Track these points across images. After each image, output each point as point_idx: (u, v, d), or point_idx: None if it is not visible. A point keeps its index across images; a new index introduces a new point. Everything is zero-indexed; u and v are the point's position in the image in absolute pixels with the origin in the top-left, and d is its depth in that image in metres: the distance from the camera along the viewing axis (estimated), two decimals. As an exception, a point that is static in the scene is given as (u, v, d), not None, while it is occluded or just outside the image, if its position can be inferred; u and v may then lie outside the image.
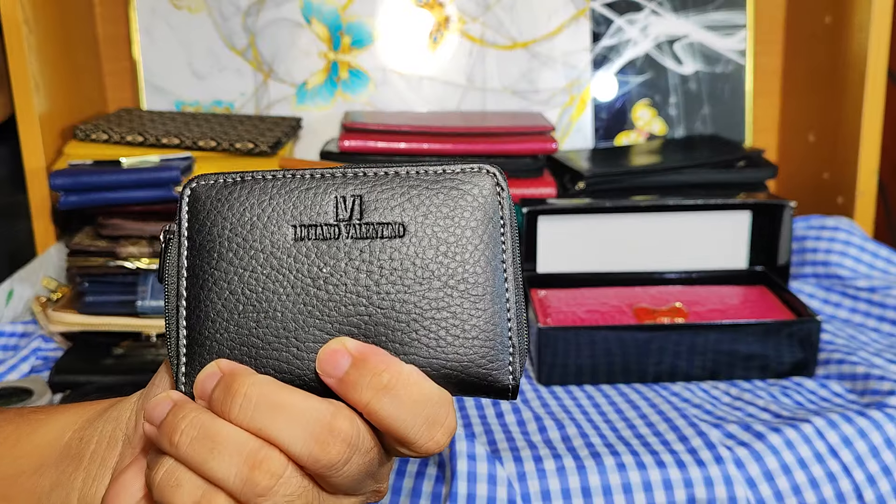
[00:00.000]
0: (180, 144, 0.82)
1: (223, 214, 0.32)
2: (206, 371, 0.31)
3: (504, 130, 0.85)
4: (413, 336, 0.31)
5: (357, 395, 0.30)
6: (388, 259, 0.31)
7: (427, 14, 1.00)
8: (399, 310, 0.31)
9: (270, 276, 0.31)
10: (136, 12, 0.98)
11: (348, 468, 0.30)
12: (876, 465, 0.57)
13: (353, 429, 0.30)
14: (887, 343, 0.74)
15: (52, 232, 0.84)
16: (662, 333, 0.68)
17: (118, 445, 0.35)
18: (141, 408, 0.35)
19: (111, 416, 0.36)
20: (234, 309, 0.32)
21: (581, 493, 0.54)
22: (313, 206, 0.32)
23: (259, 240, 0.32)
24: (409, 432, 0.30)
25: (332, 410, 0.30)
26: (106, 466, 0.35)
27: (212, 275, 0.32)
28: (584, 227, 0.82)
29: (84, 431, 0.36)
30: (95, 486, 0.35)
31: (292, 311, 0.31)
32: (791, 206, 0.79)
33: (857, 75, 0.90)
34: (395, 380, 0.30)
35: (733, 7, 1.02)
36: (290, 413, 0.29)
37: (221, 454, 0.29)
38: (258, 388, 0.30)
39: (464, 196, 0.32)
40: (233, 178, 0.32)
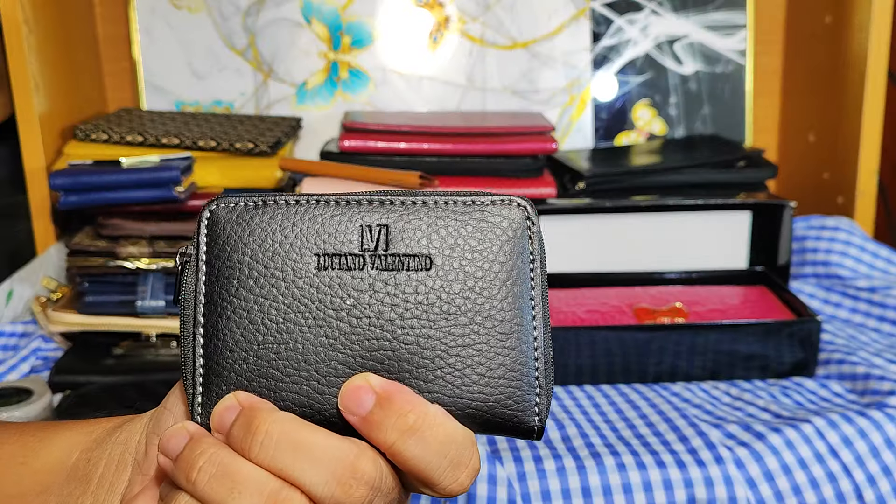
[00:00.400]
0: (180, 144, 0.82)
1: (244, 240, 0.31)
2: (224, 403, 0.30)
3: (504, 130, 0.85)
4: (438, 373, 0.30)
5: (382, 435, 0.29)
6: (414, 292, 0.30)
7: (427, 14, 1.00)
8: (424, 345, 0.30)
9: (292, 306, 0.30)
10: (136, 12, 0.98)
11: None
12: (876, 465, 0.57)
13: (377, 471, 0.29)
14: (887, 343, 0.74)
15: (52, 232, 0.84)
16: (662, 333, 0.68)
17: (127, 470, 0.34)
18: (151, 431, 0.34)
19: (120, 439, 0.35)
20: (253, 339, 0.31)
21: (581, 494, 0.54)
22: (338, 234, 0.30)
23: (281, 268, 0.30)
24: (433, 474, 0.29)
25: (355, 451, 0.29)
26: (114, 492, 0.34)
27: (231, 303, 0.31)
28: (584, 227, 0.82)
29: (92, 452, 0.35)
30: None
31: (314, 343, 0.30)
32: (791, 206, 0.79)
33: (857, 75, 0.90)
34: (422, 421, 0.29)
35: (733, 7, 1.02)
36: (313, 453, 0.29)
37: (241, 494, 0.28)
38: (280, 426, 0.29)
39: (493, 229, 0.31)
40: (254, 201, 0.31)
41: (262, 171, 0.82)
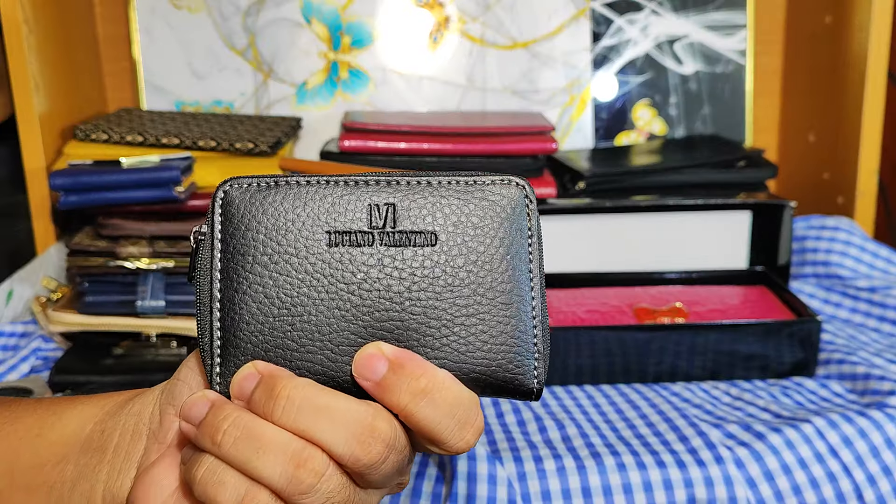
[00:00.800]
0: (180, 144, 0.82)
1: (258, 219, 0.32)
2: (243, 372, 0.32)
3: (504, 130, 0.85)
4: (444, 341, 0.32)
5: (395, 398, 0.31)
6: (420, 267, 0.32)
7: (427, 14, 1.00)
8: (430, 315, 0.32)
9: (305, 280, 0.32)
10: (136, 12, 0.98)
11: (385, 466, 0.31)
12: (876, 465, 0.57)
13: (392, 430, 0.31)
14: (887, 343, 0.74)
15: (52, 232, 0.84)
16: (663, 333, 0.68)
17: (142, 439, 0.35)
18: (165, 402, 0.35)
19: (133, 411, 0.36)
20: (268, 312, 0.32)
21: (581, 494, 0.54)
22: (347, 212, 0.32)
23: (294, 245, 0.32)
24: (442, 433, 0.31)
25: (371, 413, 0.31)
26: (130, 460, 0.35)
27: (246, 278, 0.32)
28: (584, 227, 0.82)
29: (105, 424, 0.36)
30: (120, 479, 0.35)
31: (326, 315, 0.32)
32: (791, 206, 0.79)
33: (857, 75, 0.90)
34: (432, 384, 0.31)
35: (733, 7, 1.02)
36: (333, 415, 0.30)
37: (266, 454, 0.30)
38: (301, 391, 0.31)
39: (493, 207, 0.32)
40: (266, 182, 0.33)
41: (263, 171, 0.82)
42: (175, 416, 0.35)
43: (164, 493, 0.33)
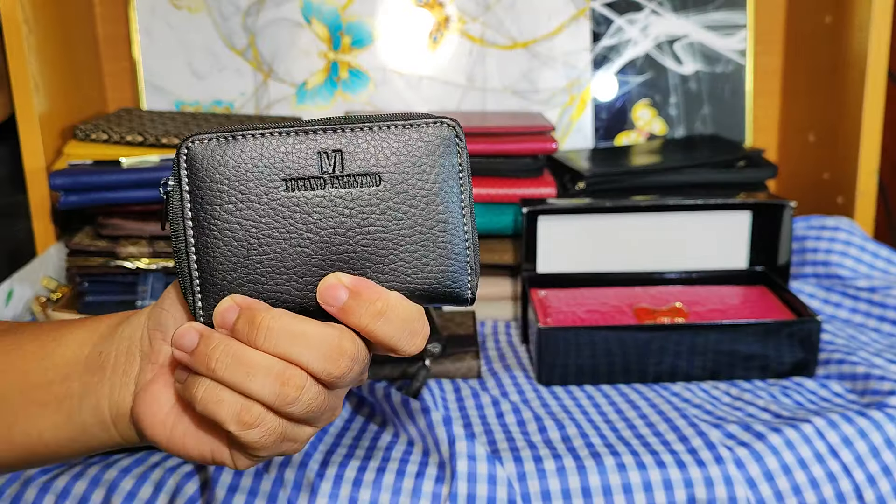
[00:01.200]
0: (180, 144, 0.82)
1: (220, 171, 0.36)
2: (224, 305, 0.37)
3: (504, 130, 0.85)
4: (392, 267, 0.37)
5: (356, 320, 0.37)
6: (367, 205, 0.37)
7: (427, 14, 1.00)
8: (379, 246, 0.37)
9: (267, 223, 0.36)
10: (136, 12, 0.98)
11: (350, 375, 0.37)
12: (876, 465, 0.57)
13: (355, 347, 0.37)
14: (887, 343, 0.74)
15: (52, 232, 0.84)
16: (662, 333, 0.68)
17: (136, 359, 0.40)
18: (153, 328, 0.40)
19: (124, 335, 0.41)
20: (238, 253, 0.37)
21: (581, 494, 0.54)
22: (300, 160, 0.36)
23: (255, 192, 0.36)
24: (397, 344, 0.37)
25: (338, 334, 0.36)
26: (128, 376, 0.40)
27: (216, 225, 0.36)
28: (584, 227, 0.82)
29: (102, 346, 0.41)
30: (122, 393, 0.40)
31: (289, 252, 0.37)
32: (791, 206, 0.79)
33: (857, 75, 0.90)
34: (386, 306, 0.37)
35: (733, 7, 1.02)
36: (308, 339, 0.36)
37: (256, 376, 0.35)
38: (278, 321, 0.36)
39: (428, 146, 0.37)
40: (225, 136, 0.36)
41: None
42: (163, 341, 0.40)
43: (164, 409, 0.39)
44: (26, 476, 0.55)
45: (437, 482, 0.54)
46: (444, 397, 0.67)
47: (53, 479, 0.54)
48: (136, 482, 0.54)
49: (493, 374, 0.71)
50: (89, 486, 0.54)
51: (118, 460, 0.56)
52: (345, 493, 0.54)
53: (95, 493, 0.54)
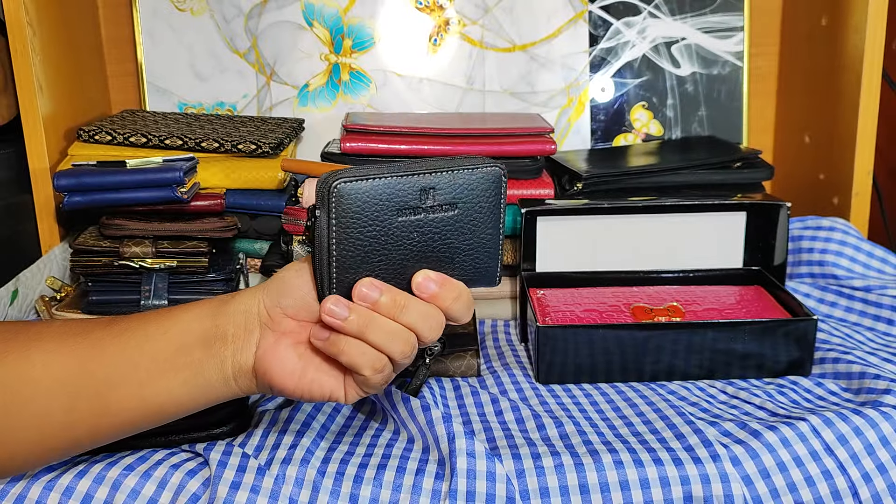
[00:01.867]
0: (183, 145, 0.83)
1: (356, 204, 0.49)
2: (365, 285, 0.49)
3: (503, 132, 0.86)
4: (458, 265, 0.53)
5: (442, 302, 0.51)
6: (447, 224, 0.51)
7: (427, 17, 1.01)
8: (452, 252, 0.52)
9: (384, 240, 0.50)
10: (139, 15, 0.99)
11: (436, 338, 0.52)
12: (871, 462, 0.58)
13: (442, 318, 0.51)
14: (882, 342, 0.74)
15: (57, 232, 0.85)
16: (659, 332, 0.69)
17: (256, 329, 0.51)
18: (271, 305, 0.51)
19: (239, 310, 0.51)
20: (365, 259, 0.50)
21: (579, 490, 0.54)
22: (408, 195, 0.50)
23: (379, 218, 0.49)
24: (463, 317, 0.52)
25: (437, 311, 0.51)
26: (248, 342, 0.51)
27: (353, 241, 0.49)
28: (582, 227, 0.83)
29: (216, 321, 0.51)
30: (244, 356, 0.51)
31: (396, 258, 0.51)
32: (787, 206, 0.80)
33: (852, 77, 0.91)
34: (459, 292, 0.51)
35: (730, 10, 1.02)
36: (428, 316, 0.50)
37: (395, 341, 0.49)
38: (412, 303, 0.50)
39: (486, 182, 0.52)
40: (360, 178, 0.48)
41: (265, 172, 0.83)
42: (283, 315, 0.51)
43: (291, 363, 0.51)
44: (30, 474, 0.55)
45: (437, 479, 0.55)
46: (444, 395, 0.67)
47: (57, 476, 0.55)
48: (139, 479, 0.55)
49: (493, 372, 0.72)
50: (93, 483, 0.54)
51: (122, 458, 0.57)
52: (346, 489, 0.54)
53: (99, 491, 0.54)
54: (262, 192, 0.83)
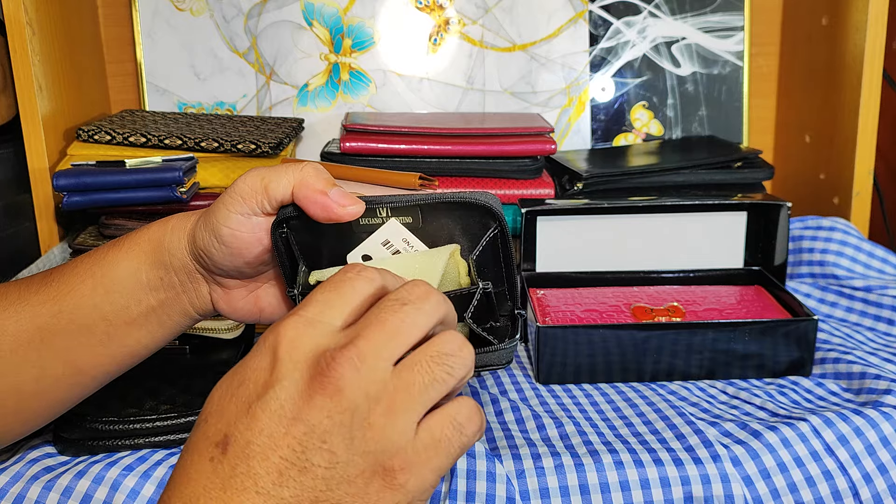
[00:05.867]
0: (183, 145, 0.83)
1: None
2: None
3: (503, 132, 0.86)
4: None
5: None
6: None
7: (427, 17, 1.01)
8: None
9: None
10: (139, 14, 0.98)
11: None
12: (872, 463, 0.58)
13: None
14: (883, 342, 0.74)
15: (56, 232, 0.85)
16: (660, 332, 0.69)
17: (201, 281, 0.50)
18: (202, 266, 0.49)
19: (175, 264, 0.49)
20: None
21: (579, 491, 0.54)
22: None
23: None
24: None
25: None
26: (201, 291, 0.50)
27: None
28: (582, 227, 0.83)
29: (157, 272, 0.49)
30: (202, 301, 0.50)
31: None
32: (787, 206, 0.80)
33: (853, 76, 0.91)
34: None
35: (730, 9, 1.02)
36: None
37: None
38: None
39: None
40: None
41: (264, 172, 0.82)
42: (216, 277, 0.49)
43: (248, 307, 0.51)
44: (30, 474, 0.55)
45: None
46: (444, 396, 0.67)
47: (56, 476, 0.55)
48: (139, 479, 0.55)
49: (493, 372, 0.72)
50: (93, 483, 0.54)
51: (122, 458, 0.57)
52: (346, 489, 0.54)
53: (99, 491, 0.54)
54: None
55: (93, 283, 0.49)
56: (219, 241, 0.47)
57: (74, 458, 0.58)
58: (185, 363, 0.67)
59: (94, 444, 0.58)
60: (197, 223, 0.48)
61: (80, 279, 0.49)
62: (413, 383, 0.36)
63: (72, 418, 0.58)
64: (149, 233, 0.50)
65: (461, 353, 0.37)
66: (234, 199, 0.46)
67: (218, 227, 0.47)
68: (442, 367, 0.36)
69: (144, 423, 0.58)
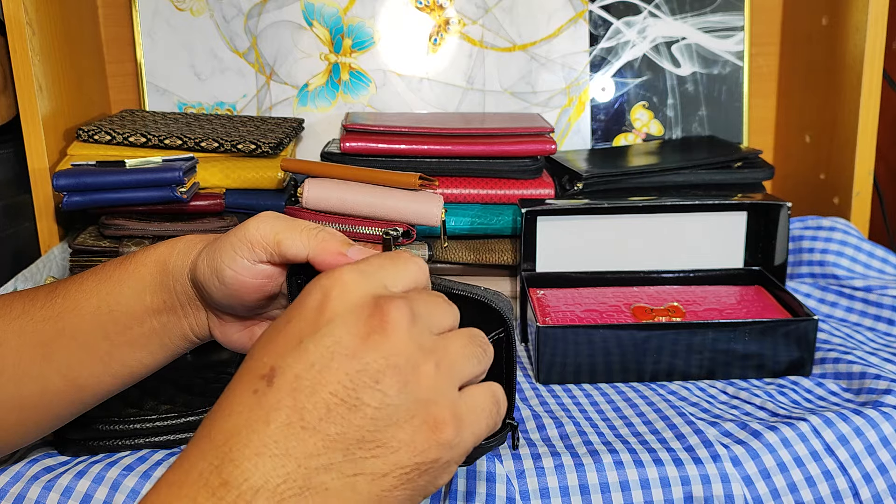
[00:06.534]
0: (183, 145, 0.83)
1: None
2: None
3: (503, 132, 0.86)
4: None
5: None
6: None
7: (427, 17, 1.01)
8: None
9: None
10: (139, 14, 0.98)
11: None
12: (872, 463, 0.58)
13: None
14: (883, 342, 0.74)
15: (56, 232, 0.85)
16: (660, 332, 0.69)
17: (202, 308, 0.49)
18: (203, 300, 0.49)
19: (178, 290, 0.48)
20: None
21: (579, 491, 0.54)
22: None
23: None
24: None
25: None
26: (200, 318, 0.49)
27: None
28: (582, 227, 0.83)
29: (161, 295, 0.48)
30: (201, 327, 0.49)
31: None
32: (787, 206, 0.80)
33: (853, 76, 0.91)
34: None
35: (730, 9, 1.02)
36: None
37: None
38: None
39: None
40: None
41: (264, 172, 0.82)
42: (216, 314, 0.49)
43: (243, 341, 0.50)
44: (30, 474, 0.55)
45: (437, 479, 0.55)
46: (444, 396, 0.67)
47: (57, 476, 0.55)
48: (139, 479, 0.55)
49: (493, 373, 0.72)
50: (93, 483, 0.54)
51: (122, 458, 0.57)
52: (346, 489, 0.54)
53: (99, 491, 0.54)
54: (261, 191, 0.83)
55: (97, 302, 0.49)
56: (220, 280, 0.46)
57: (74, 458, 0.58)
58: (185, 363, 0.67)
59: (95, 444, 0.58)
60: (200, 254, 0.47)
61: (85, 297, 0.49)
62: (457, 351, 0.37)
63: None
64: (156, 254, 0.49)
65: (487, 344, 0.39)
66: (242, 244, 0.45)
67: (221, 268, 0.45)
68: (477, 347, 0.38)
69: (144, 423, 0.58)
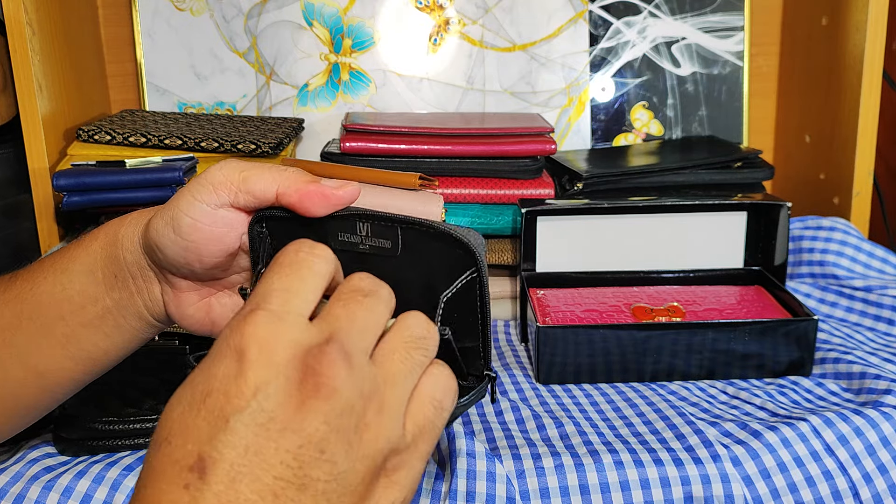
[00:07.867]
0: (183, 145, 0.83)
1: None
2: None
3: (503, 132, 0.86)
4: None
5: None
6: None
7: (427, 17, 1.01)
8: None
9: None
10: (139, 14, 0.98)
11: None
12: (872, 463, 0.58)
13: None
14: (883, 342, 0.74)
15: (56, 232, 0.85)
16: (660, 332, 0.69)
17: (154, 281, 0.46)
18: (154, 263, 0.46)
19: (128, 262, 0.46)
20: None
21: (579, 491, 0.54)
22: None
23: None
24: None
25: None
26: (153, 292, 0.47)
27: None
28: (582, 227, 0.83)
29: (111, 268, 0.46)
30: (155, 305, 0.47)
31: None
32: (787, 206, 0.80)
33: (853, 76, 0.91)
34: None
35: (730, 9, 1.02)
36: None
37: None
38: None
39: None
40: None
41: (264, 172, 0.82)
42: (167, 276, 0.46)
43: (201, 312, 0.48)
44: (30, 474, 0.55)
45: (437, 479, 0.55)
46: (444, 396, 0.67)
47: (56, 476, 0.55)
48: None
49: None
50: (93, 483, 0.54)
51: (122, 458, 0.57)
52: (346, 489, 0.54)
53: (99, 491, 0.54)
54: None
55: (53, 281, 0.46)
56: (175, 231, 0.43)
57: (74, 458, 0.58)
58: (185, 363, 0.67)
59: (95, 444, 0.58)
60: (154, 217, 0.44)
61: (42, 277, 0.47)
62: (397, 373, 0.34)
63: (72, 418, 0.58)
64: (107, 227, 0.47)
65: (430, 332, 0.36)
66: (203, 186, 0.42)
67: (178, 216, 0.43)
68: (418, 350, 0.35)
69: (144, 423, 0.58)
